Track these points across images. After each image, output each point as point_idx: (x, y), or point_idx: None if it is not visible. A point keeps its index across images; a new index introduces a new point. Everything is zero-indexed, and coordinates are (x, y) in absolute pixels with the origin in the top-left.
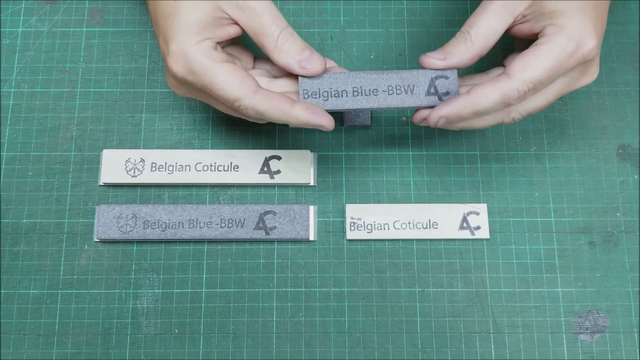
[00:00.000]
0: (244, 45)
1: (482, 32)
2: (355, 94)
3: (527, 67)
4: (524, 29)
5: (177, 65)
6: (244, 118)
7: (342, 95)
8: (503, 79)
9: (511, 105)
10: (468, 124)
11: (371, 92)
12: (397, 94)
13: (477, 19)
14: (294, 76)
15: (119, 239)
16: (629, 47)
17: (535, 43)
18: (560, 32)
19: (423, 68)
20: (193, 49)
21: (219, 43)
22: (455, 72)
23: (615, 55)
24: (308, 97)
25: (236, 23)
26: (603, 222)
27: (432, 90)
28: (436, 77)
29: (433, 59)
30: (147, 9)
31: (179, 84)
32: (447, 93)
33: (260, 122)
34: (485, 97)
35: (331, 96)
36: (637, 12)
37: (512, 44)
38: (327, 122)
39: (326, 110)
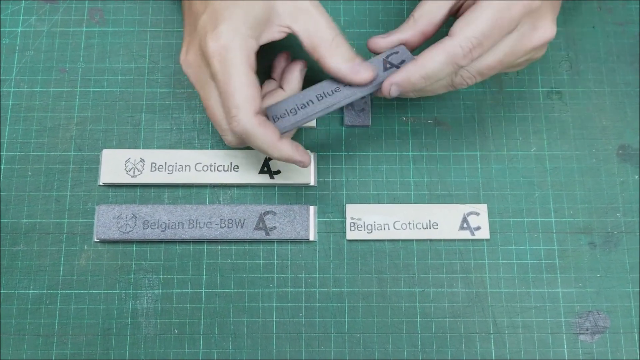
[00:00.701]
0: None
1: (425, 10)
2: (320, 98)
3: (467, 24)
4: (468, 7)
5: (214, 44)
6: (221, 130)
7: (308, 105)
8: (446, 39)
9: (461, 65)
10: (421, 92)
11: (334, 91)
12: None
13: (422, 3)
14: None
15: (119, 239)
16: (629, 47)
17: (467, 3)
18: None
19: (370, 51)
20: (240, 41)
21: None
22: (403, 46)
23: (615, 55)
24: (277, 119)
25: (286, 26)
26: (603, 222)
27: (388, 65)
28: (388, 56)
29: (377, 38)
30: (147, 9)
31: (197, 63)
32: (403, 61)
33: (234, 147)
34: (431, 60)
35: (299, 109)
36: (636, 13)
37: None
38: (307, 159)
39: (299, 121)
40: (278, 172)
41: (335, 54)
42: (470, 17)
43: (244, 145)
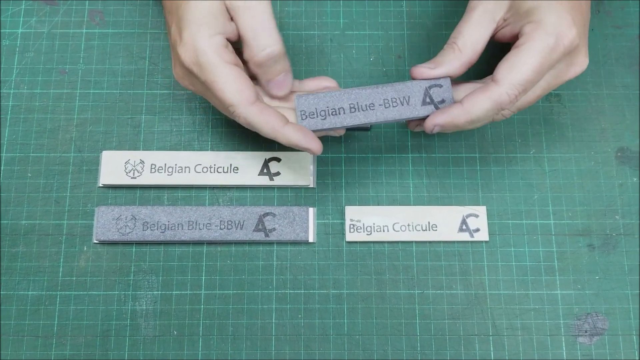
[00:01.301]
0: None
1: (468, 40)
2: (352, 110)
3: (512, 70)
4: (506, 32)
5: (185, 54)
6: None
7: (339, 113)
8: (492, 86)
9: (504, 109)
10: (460, 129)
11: (368, 107)
12: (393, 106)
13: (461, 29)
14: (291, 100)
15: (118, 240)
16: (628, 50)
17: (515, 44)
18: (538, 28)
19: (413, 78)
20: (205, 42)
21: (229, 41)
22: (448, 80)
23: (614, 58)
24: (306, 117)
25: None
26: (602, 224)
27: (428, 99)
28: (430, 87)
29: (424, 69)
30: (147, 11)
31: (185, 74)
32: (443, 101)
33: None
34: (477, 106)
35: (329, 115)
36: (635, 16)
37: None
38: (316, 147)
39: (326, 129)
40: (278, 173)
41: (257, 67)
42: (515, 62)
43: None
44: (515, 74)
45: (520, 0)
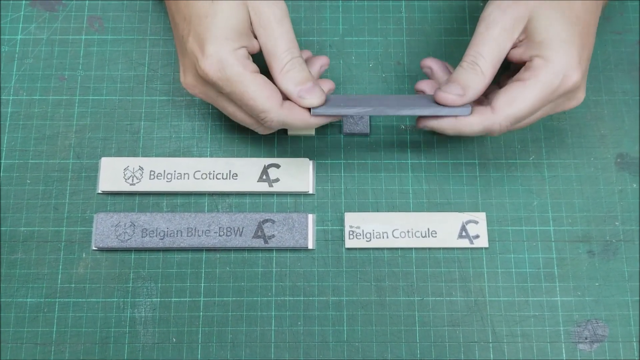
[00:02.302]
0: None
1: (489, 60)
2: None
3: (511, 104)
4: (516, 54)
5: (211, 68)
6: (252, 127)
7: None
8: (487, 112)
9: (493, 134)
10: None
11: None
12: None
13: (480, 48)
14: None
15: (117, 247)
16: (627, 56)
17: (521, 76)
18: (546, 66)
19: (437, 103)
20: (231, 56)
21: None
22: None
23: (613, 64)
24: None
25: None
26: (602, 231)
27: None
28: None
29: (452, 96)
30: (146, 17)
31: (200, 84)
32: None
33: (264, 133)
34: (468, 126)
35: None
36: (634, 21)
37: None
38: (339, 116)
39: (342, 114)
40: (277, 180)
41: (287, 78)
42: (516, 97)
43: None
44: (514, 108)
45: (535, 26)
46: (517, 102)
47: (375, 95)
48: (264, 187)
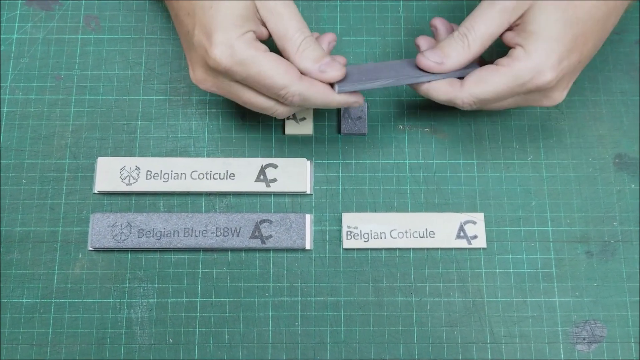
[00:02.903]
0: None
1: (479, 36)
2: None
3: (478, 84)
4: (507, 37)
5: (222, 55)
6: (271, 111)
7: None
8: (456, 85)
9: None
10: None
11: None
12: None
13: (475, 23)
14: None
15: (114, 247)
16: (625, 56)
17: (499, 61)
18: (523, 59)
19: (419, 67)
20: (239, 40)
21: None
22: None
23: (612, 64)
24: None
25: (263, 25)
26: (600, 231)
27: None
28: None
29: (430, 62)
30: (143, 17)
31: (212, 76)
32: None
33: (284, 115)
34: (434, 91)
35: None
36: (633, 22)
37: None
38: (361, 99)
39: (361, 89)
40: (274, 180)
41: (304, 57)
42: (485, 79)
43: (297, 110)
44: (479, 89)
45: (531, 15)
46: (484, 84)
47: (385, 63)
48: (261, 187)
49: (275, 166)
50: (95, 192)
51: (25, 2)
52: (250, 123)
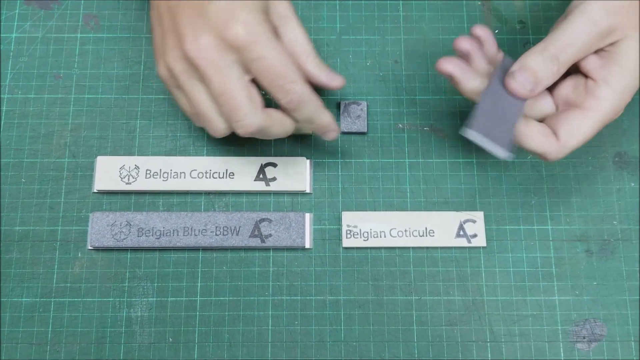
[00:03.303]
0: None
1: (570, 60)
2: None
3: (573, 135)
4: (591, 64)
5: (244, 28)
6: (214, 125)
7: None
8: (551, 137)
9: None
10: None
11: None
12: None
13: (569, 45)
14: None
15: (113, 246)
16: None
17: (579, 102)
18: (610, 99)
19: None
20: (264, 24)
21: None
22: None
23: None
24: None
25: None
26: (600, 230)
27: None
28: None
29: (523, 90)
30: (142, 15)
31: (214, 47)
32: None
33: (218, 133)
34: (528, 141)
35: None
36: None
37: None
38: (338, 130)
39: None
40: (274, 179)
41: (313, 63)
42: (578, 127)
43: (261, 133)
44: (575, 141)
45: (624, 47)
46: (579, 134)
47: (488, 91)
48: (260, 186)
49: (274, 165)
50: (95, 191)
51: (24, 1)
52: None
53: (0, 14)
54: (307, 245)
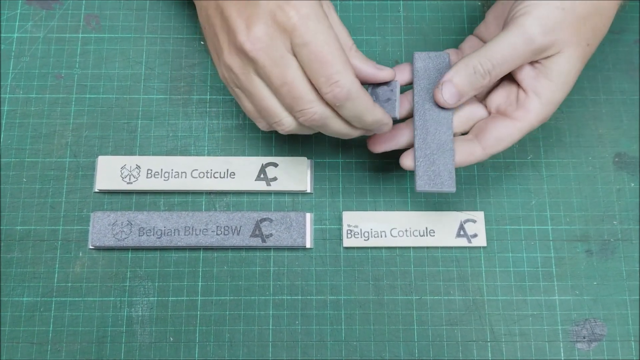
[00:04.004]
0: None
1: (501, 72)
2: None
3: (498, 143)
4: (524, 74)
5: (299, 9)
6: (280, 120)
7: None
8: (477, 150)
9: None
10: None
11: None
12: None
13: (503, 61)
14: None
15: (114, 246)
16: (625, 55)
17: (510, 112)
18: (538, 111)
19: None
20: (320, 10)
21: None
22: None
23: (611, 63)
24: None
25: None
26: (600, 230)
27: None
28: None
29: (447, 103)
30: (143, 15)
31: (270, 36)
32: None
33: (288, 129)
34: (462, 164)
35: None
36: (633, 21)
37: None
38: (391, 122)
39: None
40: (275, 179)
41: (357, 55)
42: (502, 137)
43: (304, 132)
44: (499, 147)
45: (558, 61)
46: (503, 142)
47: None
48: (261, 185)
49: (275, 165)
50: (96, 190)
51: (26, 1)
52: (250, 122)
53: (1, 14)
54: (308, 245)
